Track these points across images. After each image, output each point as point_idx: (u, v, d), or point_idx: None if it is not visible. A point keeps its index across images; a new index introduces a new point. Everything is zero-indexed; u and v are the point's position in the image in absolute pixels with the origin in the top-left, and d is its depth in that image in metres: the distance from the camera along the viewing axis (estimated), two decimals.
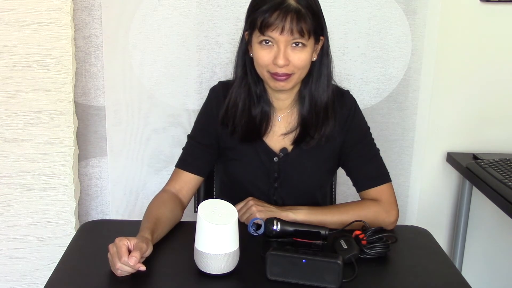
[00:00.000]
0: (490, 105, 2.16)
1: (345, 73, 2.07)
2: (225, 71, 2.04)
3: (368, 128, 1.52)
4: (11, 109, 1.92)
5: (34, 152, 1.96)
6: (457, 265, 2.16)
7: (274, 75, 1.35)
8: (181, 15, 2.01)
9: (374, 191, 1.46)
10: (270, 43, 1.33)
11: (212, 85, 1.54)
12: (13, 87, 1.90)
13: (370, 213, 1.41)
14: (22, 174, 1.97)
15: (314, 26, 1.32)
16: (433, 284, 1.20)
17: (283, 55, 1.31)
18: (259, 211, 1.38)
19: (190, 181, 1.48)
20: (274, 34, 1.30)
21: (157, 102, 2.09)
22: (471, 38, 2.09)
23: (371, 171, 1.48)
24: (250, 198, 1.43)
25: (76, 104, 2.02)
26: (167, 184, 1.49)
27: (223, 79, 1.61)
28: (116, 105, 2.08)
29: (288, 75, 1.35)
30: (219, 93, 1.49)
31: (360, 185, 1.49)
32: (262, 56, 1.34)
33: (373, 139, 1.51)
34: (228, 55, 2.03)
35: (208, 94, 1.53)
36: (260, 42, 1.33)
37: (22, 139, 1.94)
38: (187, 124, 2.09)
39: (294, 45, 1.32)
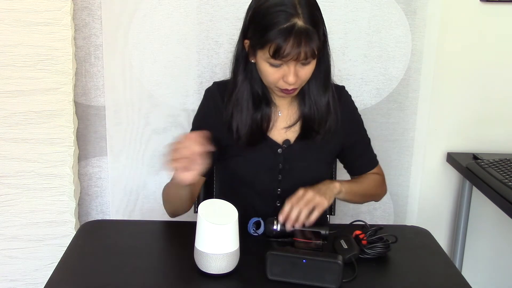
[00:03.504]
0: (490, 105, 2.16)
1: (345, 73, 2.07)
2: (225, 71, 2.02)
3: (361, 118, 1.60)
4: (11, 109, 1.92)
5: (34, 152, 1.96)
6: (457, 265, 2.15)
7: (283, 91, 1.36)
8: (181, 15, 2.01)
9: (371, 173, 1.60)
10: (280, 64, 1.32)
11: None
12: (13, 87, 1.90)
13: (377, 181, 1.57)
14: (22, 174, 1.97)
15: (321, 40, 1.31)
16: (433, 284, 1.20)
17: (293, 74, 1.31)
18: (320, 196, 1.33)
19: None
20: (288, 59, 1.28)
21: (157, 102, 2.09)
22: (471, 38, 2.09)
23: (368, 158, 1.60)
24: (301, 189, 1.36)
25: (76, 104, 2.02)
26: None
27: (222, 79, 1.60)
28: (116, 105, 2.08)
29: (296, 88, 1.37)
30: (214, 93, 1.50)
31: (358, 171, 1.60)
32: (271, 73, 1.33)
33: (365, 128, 1.61)
34: (228, 55, 2.03)
35: (204, 95, 1.53)
36: (271, 63, 1.31)
37: (22, 139, 1.94)
38: (187, 124, 2.09)
39: (303, 61, 1.31)
